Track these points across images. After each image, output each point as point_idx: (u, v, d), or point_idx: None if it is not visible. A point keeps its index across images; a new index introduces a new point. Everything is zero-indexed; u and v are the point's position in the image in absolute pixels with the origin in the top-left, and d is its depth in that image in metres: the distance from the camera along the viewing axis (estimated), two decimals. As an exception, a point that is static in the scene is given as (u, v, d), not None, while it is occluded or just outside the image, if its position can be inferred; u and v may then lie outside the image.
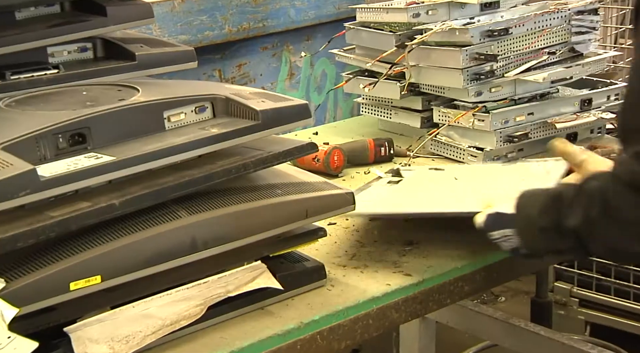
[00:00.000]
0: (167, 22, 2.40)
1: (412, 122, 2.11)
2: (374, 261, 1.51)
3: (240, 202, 1.31)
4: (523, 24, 1.95)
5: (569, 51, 2.05)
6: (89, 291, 1.16)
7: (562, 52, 2.02)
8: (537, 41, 1.96)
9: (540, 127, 1.98)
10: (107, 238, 1.18)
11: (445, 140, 2.00)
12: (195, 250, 1.25)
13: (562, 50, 2.02)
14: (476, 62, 1.91)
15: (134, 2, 1.57)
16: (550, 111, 2.00)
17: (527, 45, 1.96)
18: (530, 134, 1.96)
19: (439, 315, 2.24)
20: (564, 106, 2.02)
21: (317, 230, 1.44)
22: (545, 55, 1.99)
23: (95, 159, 1.19)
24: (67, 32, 1.47)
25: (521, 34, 1.95)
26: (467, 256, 1.53)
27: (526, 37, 1.96)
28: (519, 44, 1.96)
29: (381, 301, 1.41)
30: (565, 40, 2.02)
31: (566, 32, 2.01)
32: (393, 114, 2.16)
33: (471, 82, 1.92)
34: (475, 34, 1.90)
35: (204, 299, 1.27)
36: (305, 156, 1.46)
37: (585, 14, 2.03)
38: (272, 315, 1.33)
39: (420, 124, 2.09)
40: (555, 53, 2.00)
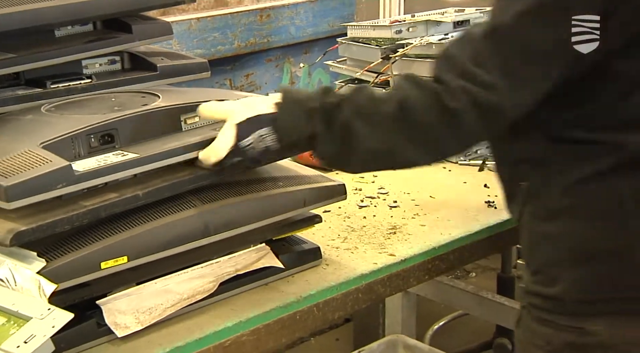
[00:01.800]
0: (185, 38, 2.39)
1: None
2: (363, 243, 1.51)
3: (247, 193, 1.30)
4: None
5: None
6: (117, 270, 1.16)
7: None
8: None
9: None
10: (133, 224, 1.18)
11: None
12: (208, 235, 1.24)
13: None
14: (450, 72, 1.89)
15: (155, 21, 1.56)
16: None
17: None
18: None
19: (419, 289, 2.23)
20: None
21: (313, 217, 1.43)
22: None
23: (122, 157, 1.18)
24: (99, 48, 1.46)
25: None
26: (443, 240, 1.52)
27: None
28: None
29: (369, 278, 1.40)
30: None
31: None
32: (379, 117, 2.14)
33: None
34: (449, 48, 1.88)
35: (216, 276, 1.26)
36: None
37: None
38: (275, 290, 1.33)
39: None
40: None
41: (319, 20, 2.80)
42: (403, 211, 1.65)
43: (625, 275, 1.20)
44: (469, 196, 1.73)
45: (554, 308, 1.24)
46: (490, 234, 1.59)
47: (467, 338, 2.61)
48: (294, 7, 2.74)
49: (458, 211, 1.65)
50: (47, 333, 1.02)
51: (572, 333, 1.22)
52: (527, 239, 1.29)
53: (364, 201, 1.71)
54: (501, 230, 1.61)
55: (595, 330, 1.21)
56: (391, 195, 1.74)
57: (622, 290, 1.20)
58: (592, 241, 1.21)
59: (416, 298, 2.33)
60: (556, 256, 1.24)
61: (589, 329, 1.21)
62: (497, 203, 1.68)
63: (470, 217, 1.62)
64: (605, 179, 1.18)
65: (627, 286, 1.20)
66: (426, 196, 1.73)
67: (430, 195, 1.74)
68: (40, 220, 1.09)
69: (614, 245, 1.20)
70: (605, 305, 1.21)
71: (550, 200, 1.23)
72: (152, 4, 1.52)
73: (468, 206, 1.68)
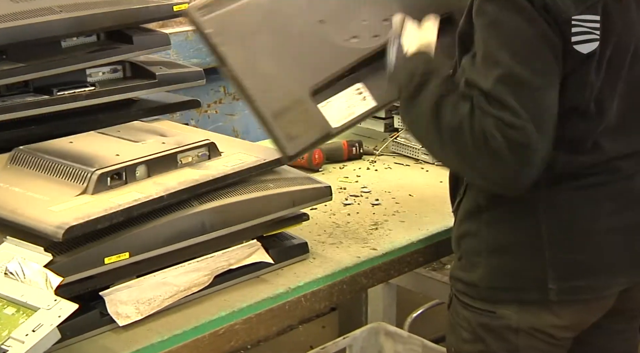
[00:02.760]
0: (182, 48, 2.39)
1: (377, 127, 2.10)
2: (347, 238, 1.51)
3: (241, 194, 1.30)
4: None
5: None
6: (120, 265, 1.16)
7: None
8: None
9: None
10: (135, 223, 1.18)
11: (404, 141, 2.00)
12: (204, 232, 1.25)
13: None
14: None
15: (154, 32, 1.56)
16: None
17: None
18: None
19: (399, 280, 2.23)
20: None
21: (301, 215, 1.43)
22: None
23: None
24: (102, 57, 1.46)
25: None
26: (421, 235, 1.53)
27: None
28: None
29: (353, 270, 1.41)
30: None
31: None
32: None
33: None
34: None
35: (211, 270, 1.27)
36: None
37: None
38: (266, 282, 1.33)
39: (383, 128, 2.09)
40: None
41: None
42: (384, 209, 1.65)
43: (531, 269, 1.24)
44: (445, 195, 1.72)
45: (472, 293, 1.28)
46: (464, 230, 1.60)
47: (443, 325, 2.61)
48: (283, 19, 2.73)
49: (435, 209, 1.65)
50: (54, 323, 1.02)
51: (486, 316, 1.27)
52: (456, 229, 1.33)
53: (348, 199, 1.71)
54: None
55: (504, 313, 1.25)
56: (373, 194, 1.74)
57: (527, 280, 1.24)
58: (508, 237, 1.25)
59: (396, 289, 2.33)
60: (476, 247, 1.28)
61: (499, 313, 1.26)
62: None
63: (446, 214, 1.62)
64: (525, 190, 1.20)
65: (532, 279, 1.24)
66: (406, 195, 1.74)
67: (410, 194, 1.75)
68: (86, 217, 1.09)
69: (525, 243, 1.24)
70: (514, 293, 1.25)
71: (476, 200, 1.28)
72: (152, 17, 1.52)
73: (444, 204, 1.67)
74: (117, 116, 1.49)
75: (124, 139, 1.34)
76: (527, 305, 1.25)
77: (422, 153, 1.95)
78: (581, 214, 1.22)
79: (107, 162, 1.21)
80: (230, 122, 2.67)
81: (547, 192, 1.21)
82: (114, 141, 1.33)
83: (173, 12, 1.53)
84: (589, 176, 1.22)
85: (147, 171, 1.24)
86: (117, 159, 1.23)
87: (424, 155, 1.95)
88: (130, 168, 1.21)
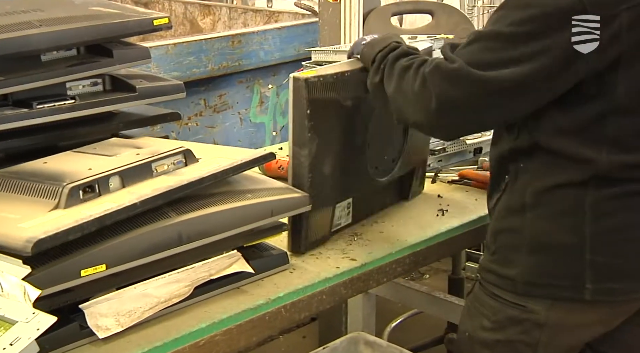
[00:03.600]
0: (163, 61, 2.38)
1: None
2: (327, 249, 1.50)
3: (218, 204, 1.29)
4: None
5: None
6: (97, 277, 1.14)
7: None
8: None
9: (454, 143, 1.98)
10: (110, 235, 1.16)
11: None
12: (181, 243, 1.23)
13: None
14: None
15: (134, 46, 1.55)
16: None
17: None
18: (447, 148, 1.96)
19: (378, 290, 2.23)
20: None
21: (281, 225, 1.42)
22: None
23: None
24: (82, 71, 1.44)
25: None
26: (399, 245, 1.53)
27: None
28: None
29: (332, 281, 1.40)
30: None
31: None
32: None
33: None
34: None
35: (191, 281, 1.25)
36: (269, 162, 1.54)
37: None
38: (246, 293, 1.32)
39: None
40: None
41: (286, 45, 2.81)
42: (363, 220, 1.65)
43: (570, 268, 1.28)
44: (423, 205, 1.74)
45: (505, 286, 1.33)
46: (441, 240, 1.60)
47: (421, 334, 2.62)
48: (262, 34, 2.74)
49: (413, 219, 1.65)
50: (32, 336, 1.00)
51: (516, 309, 1.31)
52: (494, 224, 1.38)
53: (327, 210, 1.70)
54: (452, 236, 1.62)
55: (534, 308, 1.30)
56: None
57: (565, 279, 1.28)
58: (550, 237, 1.29)
59: (375, 299, 2.33)
60: (516, 243, 1.31)
61: (529, 308, 1.30)
62: (449, 211, 1.69)
63: (424, 224, 1.63)
64: (573, 189, 1.26)
65: (570, 278, 1.28)
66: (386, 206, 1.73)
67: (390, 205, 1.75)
68: (56, 229, 1.07)
69: (568, 244, 1.27)
70: (548, 290, 1.29)
71: (521, 197, 1.31)
72: (131, 31, 1.50)
73: (422, 215, 1.68)
74: (97, 129, 1.48)
75: (98, 155, 1.32)
76: (559, 302, 1.29)
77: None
78: (625, 220, 1.27)
79: (79, 176, 1.20)
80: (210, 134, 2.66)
81: (593, 195, 1.25)
82: (88, 157, 1.32)
83: (153, 26, 1.52)
84: (633, 181, 1.26)
85: (121, 182, 1.22)
86: (89, 172, 1.21)
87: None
88: (103, 180, 1.20)
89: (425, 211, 1.70)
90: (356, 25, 2.46)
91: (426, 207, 1.72)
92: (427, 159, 1.81)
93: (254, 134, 2.80)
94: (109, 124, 1.51)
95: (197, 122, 2.60)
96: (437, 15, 2.49)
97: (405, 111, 1.31)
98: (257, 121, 2.82)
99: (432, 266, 3.23)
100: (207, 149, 1.43)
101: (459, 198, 1.78)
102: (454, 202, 1.75)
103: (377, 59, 1.38)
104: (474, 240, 1.79)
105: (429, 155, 1.93)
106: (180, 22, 3.55)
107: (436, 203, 1.74)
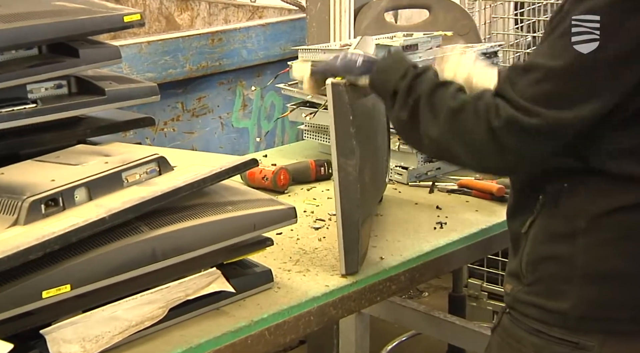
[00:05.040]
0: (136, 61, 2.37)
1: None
2: (315, 265, 1.49)
3: (195, 218, 1.28)
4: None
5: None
6: (61, 298, 1.12)
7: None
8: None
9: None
10: (75, 252, 1.15)
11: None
12: (155, 260, 1.22)
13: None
14: (400, 94, 1.91)
15: (103, 45, 1.54)
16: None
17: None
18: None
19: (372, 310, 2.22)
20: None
21: (265, 240, 1.41)
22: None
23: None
24: (44, 72, 1.43)
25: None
26: (394, 261, 1.52)
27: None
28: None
29: (321, 301, 1.39)
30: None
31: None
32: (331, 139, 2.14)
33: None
34: (398, 71, 1.90)
35: (165, 302, 1.24)
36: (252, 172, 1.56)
37: (488, 56, 2.05)
38: (226, 315, 1.30)
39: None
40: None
41: (271, 43, 2.80)
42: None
43: (629, 299, 1.27)
44: (420, 217, 1.73)
45: (553, 321, 1.29)
46: (440, 254, 1.59)
47: (421, 357, 2.61)
48: (245, 31, 2.73)
49: (409, 232, 1.65)
50: (-13, 365, 0.98)
51: (566, 346, 1.28)
52: (531, 251, 1.32)
53: (316, 223, 1.70)
54: (451, 250, 1.61)
55: (589, 345, 1.27)
56: (343, 217, 1.73)
57: (623, 311, 1.27)
58: (608, 265, 1.26)
59: (369, 319, 2.32)
60: (565, 272, 1.28)
61: (583, 344, 1.27)
62: (448, 224, 1.68)
63: (420, 238, 1.62)
64: (631, 212, 1.25)
65: (628, 309, 1.27)
66: (377, 218, 1.73)
67: (381, 215, 1.74)
68: (15, 248, 1.05)
69: (627, 272, 1.26)
70: (604, 324, 1.27)
71: (570, 222, 1.28)
72: (100, 28, 1.49)
73: (418, 227, 1.68)
74: (61, 136, 1.46)
75: (63, 164, 1.31)
76: (614, 335, 1.27)
77: (395, 172, 1.95)
78: None
79: (41, 188, 1.18)
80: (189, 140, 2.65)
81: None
82: (51, 167, 1.30)
83: (124, 23, 1.51)
84: None
85: (88, 194, 1.21)
86: (52, 184, 1.20)
87: (397, 175, 1.95)
88: (67, 192, 1.18)
89: (422, 224, 1.69)
90: (347, 22, 2.47)
91: (423, 219, 1.72)
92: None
93: (236, 141, 2.79)
94: (75, 131, 1.49)
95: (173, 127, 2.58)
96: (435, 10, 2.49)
97: (461, 157, 1.27)
98: (240, 126, 2.81)
99: (431, 283, 3.23)
100: (183, 156, 1.42)
101: (459, 209, 1.77)
102: (454, 213, 1.74)
103: (400, 91, 1.31)
104: (476, 255, 1.79)
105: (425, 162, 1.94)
106: (154, 18, 3.55)
107: (434, 215, 1.74)
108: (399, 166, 1.95)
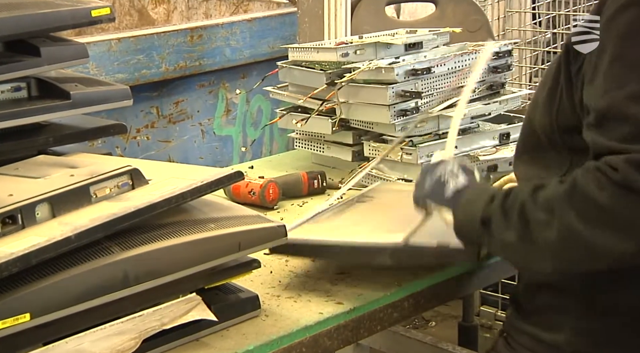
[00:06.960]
0: (104, 61, 2.38)
1: (343, 156, 2.11)
2: (307, 290, 1.50)
3: (172, 237, 1.29)
4: (444, 64, 1.97)
5: (487, 89, 2.08)
6: (20, 329, 1.12)
7: (480, 90, 2.05)
8: (457, 79, 1.99)
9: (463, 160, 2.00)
10: (35, 277, 1.15)
11: (376, 173, 2.00)
12: (127, 285, 1.22)
13: (480, 88, 2.05)
14: (402, 99, 1.92)
15: (68, 42, 1.54)
16: (472, 145, 2.01)
17: (448, 83, 1.98)
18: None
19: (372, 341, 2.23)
20: (484, 140, 2.03)
21: (251, 262, 1.42)
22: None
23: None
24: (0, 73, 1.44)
25: (443, 73, 1.97)
26: (395, 284, 1.52)
27: (447, 76, 1.98)
28: (441, 81, 1.98)
29: (314, 330, 1.39)
30: (483, 79, 2.05)
31: (484, 71, 2.04)
32: (325, 148, 2.16)
33: (397, 117, 1.93)
34: (400, 73, 1.91)
35: (138, 332, 1.24)
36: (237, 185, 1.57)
37: (501, 55, 2.06)
38: (207, 346, 1.31)
39: (351, 157, 2.10)
40: (475, 91, 2.03)
41: (258, 41, 2.82)
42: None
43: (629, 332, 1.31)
44: (425, 236, 1.73)
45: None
46: (448, 277, 1.60)
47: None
48: (229, 27, 2.75)
49: (413, 253, 1.65)
50: None
51: None
52: (530, 278, 1.40)
53: (308, 243, 1.70)
54: (460, 273, 1.61)
55: None
56: (338, 236, 1.73)
57: (620, 346, 1.31)
58: (610, 297, 1.30)
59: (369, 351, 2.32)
60: (565, 304, 1.33)
61: None
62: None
63: (426, 259, 1.63)
64: None
65: (625, 343, 1.31)
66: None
67: (382, 235, 1.75)
68: None
69: (627, 306, 1.30)
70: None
71: None
72: (64, 23, 1.50)
73: (424, 247, 1.68)
74: (20, 145, 1.46)
75: (22, 177, 1.31)
76: None
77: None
78: None
79: None
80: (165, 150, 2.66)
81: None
82: (9, 180, 1.31)
83: (91, 17, 1.52)
84: None
85: (51, 210, 1.21)
86: (9, 199, 1.20)
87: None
88: (27, 208, 1.19)
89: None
90: (343, 17, 2.49)
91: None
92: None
93: (218, 150, 2.80)
94: (36, 139, 1.49)
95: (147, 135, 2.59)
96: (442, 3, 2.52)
97: (606, 238, 1.18)
98: (223, 134, 2.83)
99: (439, 311, 3.23)
100: (159, 168, 1.43)
101: (470, 226, 1.78)
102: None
103: (495, 214, 1.28)
104: (488, 279, 1.79)
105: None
106: (126, 12, 3.56)
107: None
108: (401, 179, 1.96)
